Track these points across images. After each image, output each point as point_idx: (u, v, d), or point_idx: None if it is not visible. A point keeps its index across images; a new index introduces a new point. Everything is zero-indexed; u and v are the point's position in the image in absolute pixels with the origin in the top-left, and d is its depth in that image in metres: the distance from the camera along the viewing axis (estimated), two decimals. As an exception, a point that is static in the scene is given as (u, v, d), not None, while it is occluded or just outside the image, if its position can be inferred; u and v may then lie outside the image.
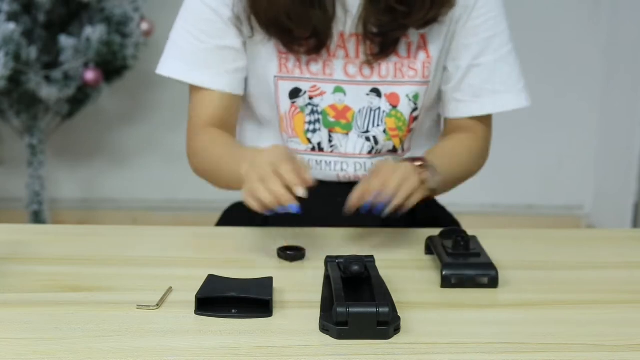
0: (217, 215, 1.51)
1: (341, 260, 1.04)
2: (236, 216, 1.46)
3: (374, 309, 0.89)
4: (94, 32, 2.53)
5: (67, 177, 3.21)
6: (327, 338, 0.90)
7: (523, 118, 3.18)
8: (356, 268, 1.01)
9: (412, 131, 1.38)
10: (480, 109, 1.38)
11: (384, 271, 1.04)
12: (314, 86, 1.33)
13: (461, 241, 1.11)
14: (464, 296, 1.04)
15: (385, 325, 0.89)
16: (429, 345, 0.89)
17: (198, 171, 1.38)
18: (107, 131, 3.18)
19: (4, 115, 2.72)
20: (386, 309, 0.89)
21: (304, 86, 1.33)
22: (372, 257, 1.06)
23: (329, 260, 1.06)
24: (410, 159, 1.25)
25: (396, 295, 1.00)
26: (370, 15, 1.28)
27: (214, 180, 1.35)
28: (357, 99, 1.34)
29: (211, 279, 1.02)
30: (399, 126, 1.35)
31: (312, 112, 1.34)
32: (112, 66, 2.67)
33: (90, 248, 1.20)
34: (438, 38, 1.33)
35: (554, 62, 3.21)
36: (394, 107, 1.35)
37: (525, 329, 0.94)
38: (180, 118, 2.92)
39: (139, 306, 0.97)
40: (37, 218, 2.77)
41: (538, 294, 1.06)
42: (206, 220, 1.72)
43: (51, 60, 2.60)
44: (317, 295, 1.00)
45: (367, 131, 1.35)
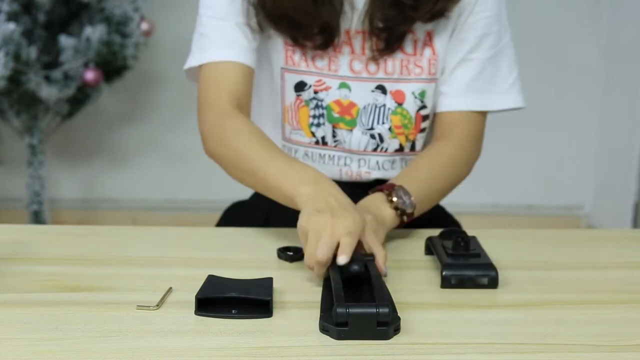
0: (217, 215, 1.51)
1: None
2: (236, 216, 1.47)
3: (374, 310, 0.89)
4: (94, 32, 2.53)
5: (67, 177, 3.21)
6: (327, 338, 0.90)
7: (523, 118, 3.18)
8: (356, 268, 1.00)
9: (425, 130, 1.38)
10: (462, 104, 1.35)
11: (384, 271, 1.03)
12: (319, 80, 1.33)
13: (461, 241, 1.11)
14: (464, 296, 1.04)
15: (385, 325, 0.89)
16: (429, 345, 0.89)
17: (217, 157, 1.28)
18: (107, 131, 3.18)
19: (4, 115, 2.72)
20: (386, 310, 0.89)
21: (309, 80, 1.33)
22: (372, 257, 1.06)
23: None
24: (378, 189, 1.23)
25: (396, 295, 1.00)
26: (376, 10, 1.28)
27: (246, 183, 1.26)
28: (362, 95, 1.34)
29: (211, 280, 1.02)
30: (405, 124, 1.35)
31: (317, 107, 1.34)
32: (112, 66, 2.67)
33: (90, 248, 1.20)
34: (444, 34, 1.33)
35: (554, 62, 3.21)
36: (400, 105, 1.35)
37: (525, 329, 0.94)
38: (180, 118, 2.94)
39: (139, 306, 0.97)
40: (37, 218, 2.77)
41: (538, 294, 1.06)
42: (206, 220, 1.73)
43: (51, 60, 2.60)
44: (317, 295, 1.00)
45: (372, 128, 1.35)
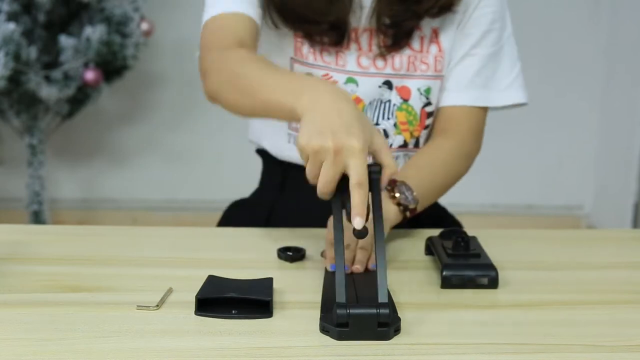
0: (217, 215, 1.51)
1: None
2: (237, 215, 1.46)
3: (374, 310, 0.89)
4: (94, 32, 2.53)
5: (67, 177, 3.21)
6: (327, 339, 0.90)
7: (523, 118, 3.19)
8: (363, 232, 0.94)
9: (429, 127, 1.38)
10: (463, 99, 1.35)
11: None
12: (326, 74, 1.33)
13: (461, 242, 1.11)
14: (464, 297, 1.04)
15: (385, 326, 0.89)
16: (430, 346, 0.89)
17: (218, 92, 1.20)
18: (107, 131, 3.18)
19: (4, 115, 2.73)
20: (386, 310, 0.89)
21: (317, 73, 1.33)
22: (379, 167, 0.99)
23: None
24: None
25: (396, 296, 1.00)
26: (384, 6, 1.29)
27: (243, 105, 1.17)
28: (369, 91, 1.34)
29: (211, 280, 1.02)
30: (410, 120, 1.35)
31: None
32: (112, 66, 2.67)
33: (90, 248, 1.20)
34: (450, 30, 1.34)
35: (554, 62, 3.21)
36: (405, 101, 1.35)
37: (525, 329, 0.94)
38: (180, 118, 2.94)
39: (139, 306, 0.97)
40: (37, 218, 2.77)
41: (538, 295, 1.06)
42: (206, 220, 1.73)
43: (51, 60, 2.60)
44: (317, 296, 1.00)
45: (377, 124, 1.35)
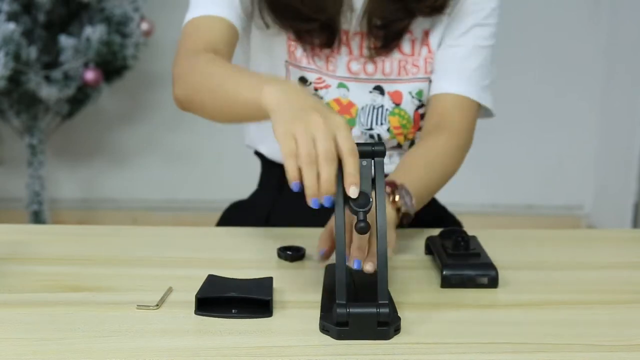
0: (217, 215, 1.51)
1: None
2: (236, 216, 1.46)
3: (374, 310, 0.89)
4: (94, 32, 2.53)
5: (67, 177, 3.21)
6: (327, 338, 0.90)
7: (523, 118, 3.20)
8: (362, 226, 0.91)
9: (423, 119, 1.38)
10: (448, 87, 1.32)
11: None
12: (319, 78, 1.33)
13: (461, 241, 1.11)
14: (464, 296, 1.04)
15: (385, 325, 0.89)
16: (430, 345, 0.89)
17: (185, 96, 1.19)
18: (107, 131, 3.18)
19: (4, 115, 2.73)
20: (386, 310, 0.89)
21: (310, 77, 1.33)
22: (383, 146, 0.95)
23: (330, 267, 1.06)
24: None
25: (396, 295, 1.00)
26: (376, 6, 1.28)
27: (209, 106, 1.15)
28: (360, 96, 1.34)
29: (211, 279, 1.02)
30: (403, 124, 1.35)
31: None
32: (112, 66, 2.67)
33: (90, 248, 1.20)
34: (439, 30, 1.33)
35: (554, 62, 3.21)
36: (397, 105, 1.35)
37: (525, 329, 0.94)
38: (180, 118, 2.94)
39: (139, 306, 0.97)
40: (37, 218, 2.77)
41: (538, 294, 1.06)
42: (206, 220, 1.73)
43: (51, 60, 2.60)
44: (317, 295, 1.00)
45: (371, 128, 1.35)
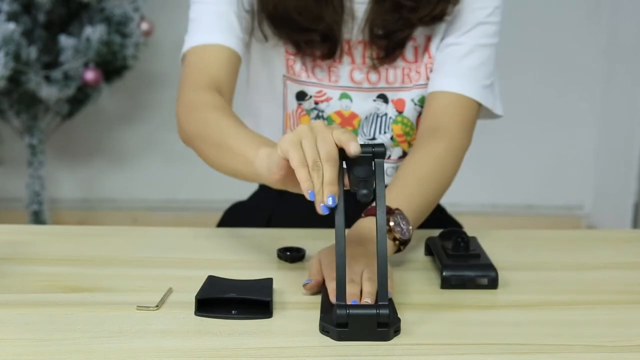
0: (217, 215, 1.51)
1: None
2: (237, 217, 1.46)
3: (374, 311, 0.89)
4: (94, 32, 2.53)
5: (67, 177, 3.21)
6: (327, 339, 0.90)
7: (523, 118, 3.20)
8: (365, 192, 0.91)
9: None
10: (446, 85, 1.29)
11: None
12: (320, 91, 1.32)
13: (461, 242, 1.11)
14: (464, 297, 1.04)
15: (385, 326, 0.89)
16: (429, 346, 0.89)
17: (187, 141, 1.20)
18: (107, 131, 3.18)
19: (4, 115, 2.72)
20: (386, 311, 0.89)
21: (310, 90, 1.32)
22: (383, 147, 0.96)
23: None
24: (372, 212, 1.12)
25: (396, 296, 1.00)
26: (376, 16, 1.27)
27: (208, 158, 1.16)
28: (364, 106, 1.33)
29: (211, 280, 1.02)
30: (406, 132, 1.35)
31: (317, 117, 1.32)
32: (112, 66, 2.67)
33: (90, 248, 1.20)
34: (439, 34, 1.32)
35: (554, 62, 3.21)
36: (400, 113, 1.34)
37: (525, 330, 0.94)
38: (180, 118, 2.94)
39: (139, 307, 0.97)
40: (37, 218, 2.77)
41: (538, 295, 1.06)
42: (206, 220, 1.73)
43: (51, 60, 2.60)
44: (317, 296, 1.00)
45: (374, 138, 1.33)
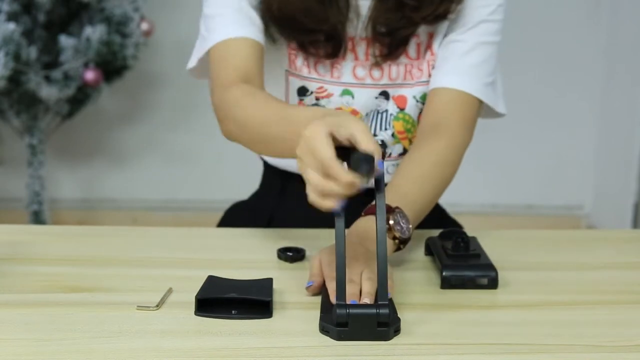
0: (217, 215, 1.51)
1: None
2: (238, 217, 1.46)
3: (374, 310, 0.89)
4: (94, 32, 2.53)
5: (67, 177, 3.21)
6: (327, 339, 0.90)
7: (523, 118, 3.20)
8: (366, 167, 0.88)
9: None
10: (447, 82, 1.29)
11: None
12: (321, 87, 1.32)
13: (461, 242, 1.11)
14: (464, 297, 1.04)
15: (385, 326, 0.89)
16: (429, 346, 0.89)
17: (231, 136, 1.22)
18: (107, 131, 3.18)
19: (4, 115, 2.72)
20: (386, 310, 0.89)
21: (311, 86, 1.32)
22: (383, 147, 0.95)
23: None
24: (372, 211, 1.11)
25: (396, 296, 1.00)
26: (379, 14, 1.26)
27: (255, 147, 1.19)
28: (365, 102, 1.32)
29: (211, 280, 1.02)
30: (408, 128, 1.34)
31: None
32: (112, 66, 2.67)
33: (90, 248, 1.20)
34: (442, 31, 1.31)
35: (554, 62, 3.21)
36: (402, 110, 1.34)
37: (525, 330, 0.94)
38: (180, 118, 2.95)
39: (139, 307, 0.97)
40: (37, 218, 2.77)
41: (538, 295, 1.06)
42: (206, 220, 1.73)
43: (51, 60, 2.60)
44: (317, 296, 1.00)
45: (375, 135, 1.33)
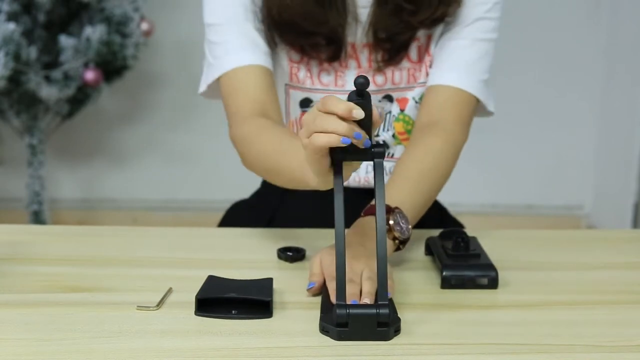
0: (217, 215, 1.51)
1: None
2: (239, 216, 1.46)
3: (374, 310, 0.89)
4: (94, 32, 2.53)
5: (67, 177, 3.21)
6: (327, 339, 0.90)
7: (523, 118, 3.20)
8: (361, 80, 0.88)
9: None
10: (444, 79, 1.29)
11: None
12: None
13: (461, 242, 1.11)
14: (464, 297, 1.04)
15: (385, 326, 0.89)
16: (429, 346, 0.89)
17: (249, 166, 1.23)
18: (107, 131, 3.18)
19: (4, 115, 2.72)
20: (386, 310, 0.89)
21: (315, 97, 1.32)
22: (383, 148, 0.95)
23: None
24: (371, 211, 1.13)
25: (396, 296, 1.00)
26: (379, 19, 1.26)
27: (271, 179, 1.20)
28: None
29: (211, 280, 1.02)
30: (408, 129, 1.34)
31: None
32: (112, 66, 2.67)
33: (90, 248, 1.20)
34: (439, 32, 1.31)
35: (554, 62, 3.21)
36: (402, 111, 1.34)
37: (525, 330, 0.94)
38: (180, 118, 2.95)
39: (139, 307, 0.97)
40: (37, 218, 2.77)
41: (538, 295, 1.06)
42: (206, 220, 1.73)
43: (51, 60, 2.60)
44: (317, 296, 1.01)
45: (377, 135, 1.34)
